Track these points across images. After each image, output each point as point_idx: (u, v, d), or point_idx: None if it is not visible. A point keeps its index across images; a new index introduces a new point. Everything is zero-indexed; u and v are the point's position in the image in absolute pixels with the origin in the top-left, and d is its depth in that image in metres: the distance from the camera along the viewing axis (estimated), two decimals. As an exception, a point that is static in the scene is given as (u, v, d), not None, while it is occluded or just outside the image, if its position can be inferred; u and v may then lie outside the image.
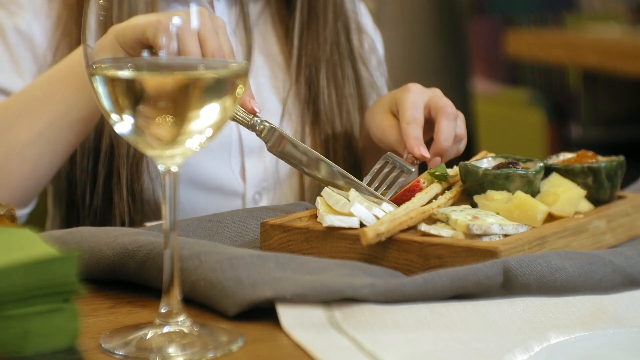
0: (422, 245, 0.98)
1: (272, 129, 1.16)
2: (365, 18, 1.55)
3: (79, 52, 1.25)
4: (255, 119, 1.16)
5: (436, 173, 1.12)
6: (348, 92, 1.45)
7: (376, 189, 1.16)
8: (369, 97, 1.49)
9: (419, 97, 1.24)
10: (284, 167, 1.42)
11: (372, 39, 1.55)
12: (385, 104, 1.30)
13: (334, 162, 1.17)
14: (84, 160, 1.34)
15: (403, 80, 1.55)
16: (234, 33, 0.86)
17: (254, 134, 1.17)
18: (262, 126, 1.16)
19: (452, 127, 1.22)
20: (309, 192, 1.43)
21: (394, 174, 1.18)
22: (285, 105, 1.43)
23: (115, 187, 1.34)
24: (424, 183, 1.12)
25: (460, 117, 1.25)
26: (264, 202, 1.42)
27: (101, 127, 1.34)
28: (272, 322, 0.88)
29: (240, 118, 1.16)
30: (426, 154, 1.19)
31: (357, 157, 1.45)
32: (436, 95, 1.25)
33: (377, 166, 1.18)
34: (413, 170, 1.18)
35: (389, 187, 1.17)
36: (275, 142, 1.17)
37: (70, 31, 1.37)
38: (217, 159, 1.40)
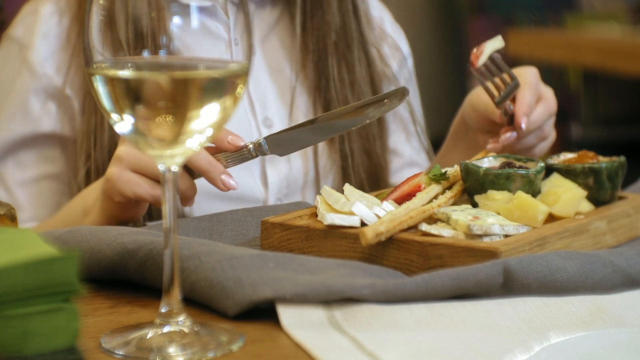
0: (423, 245, 0.98)
1: (265, 141, 1.16)
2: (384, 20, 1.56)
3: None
4: (249, 147, 1.16)
5: (433, 175, 1.11)
6: (360, 76, 1.45)
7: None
8: (381, 84, 1.48)
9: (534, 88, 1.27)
10: (305, 171, 1.42)
11: (393, 39, 1.55)
12: None
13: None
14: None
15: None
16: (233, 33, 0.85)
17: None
18: (255, 147, 1.16)
19: (542, 112, 1.26)
20: None
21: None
22: (294, 93, 1.43)
23: None
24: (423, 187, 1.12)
25: (552, 119, 1.30)
26: None
27: (108, 125, 1.34)
28: (272, 322, 0.88)
29: (240, 159, 1.16)
30: (525, 122, 1.23)
31: (369, 140, 1.44)
32: (545, 94, 1.29)
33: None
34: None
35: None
36: (274, 148, 1.17)
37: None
38: (238, 167, 1.40)
